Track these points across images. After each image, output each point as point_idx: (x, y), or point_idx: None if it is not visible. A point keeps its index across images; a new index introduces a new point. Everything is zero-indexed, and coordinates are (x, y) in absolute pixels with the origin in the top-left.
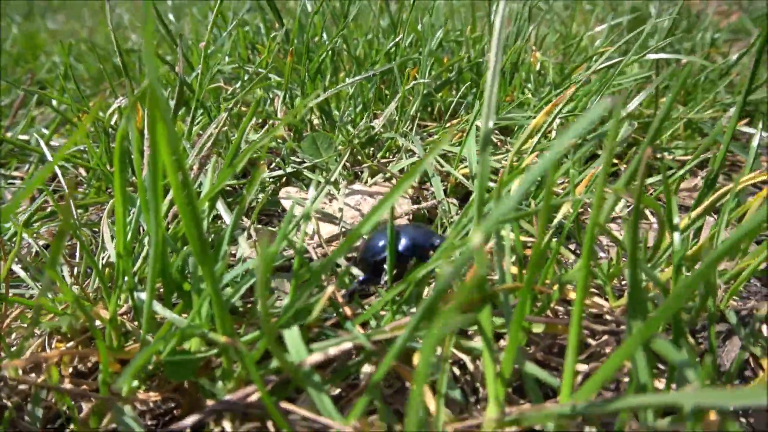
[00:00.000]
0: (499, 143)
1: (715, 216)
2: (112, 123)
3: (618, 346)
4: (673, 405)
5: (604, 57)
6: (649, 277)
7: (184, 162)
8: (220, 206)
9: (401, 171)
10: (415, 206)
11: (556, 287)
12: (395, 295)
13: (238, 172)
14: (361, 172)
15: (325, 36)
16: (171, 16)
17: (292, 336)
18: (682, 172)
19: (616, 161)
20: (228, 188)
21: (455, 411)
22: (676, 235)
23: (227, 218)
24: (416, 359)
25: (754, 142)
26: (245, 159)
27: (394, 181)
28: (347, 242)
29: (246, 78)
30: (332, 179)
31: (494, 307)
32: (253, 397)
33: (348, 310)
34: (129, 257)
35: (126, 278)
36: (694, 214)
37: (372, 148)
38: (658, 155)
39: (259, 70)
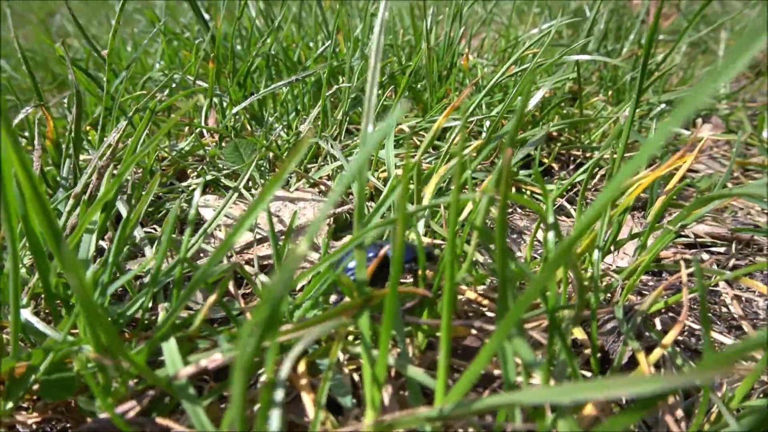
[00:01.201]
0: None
1: (634, 213)
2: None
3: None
4: (509, 404)
5: (514, 58)
6: (520, 270)
7: (27, 160)
8: (121, 206)
9: (329, 177)
10: (336, 210)
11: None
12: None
13: (164, 180)
14: (290, 179)
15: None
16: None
17: (170, 348)
18: (587, 165)
19: (545, 160)
20: (152, 198)
21: (350, 418)
22: (550, 234)
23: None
24: (301, 366)
25: (650, 136)
26: (130, 167)
27: (322, 186)
28: (219, 252)
29: (174, 85)
30: (241, 186)
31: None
32: (131, 414)
33: (249, 317)
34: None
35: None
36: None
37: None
38: (588, 154)
39: (188, 77)
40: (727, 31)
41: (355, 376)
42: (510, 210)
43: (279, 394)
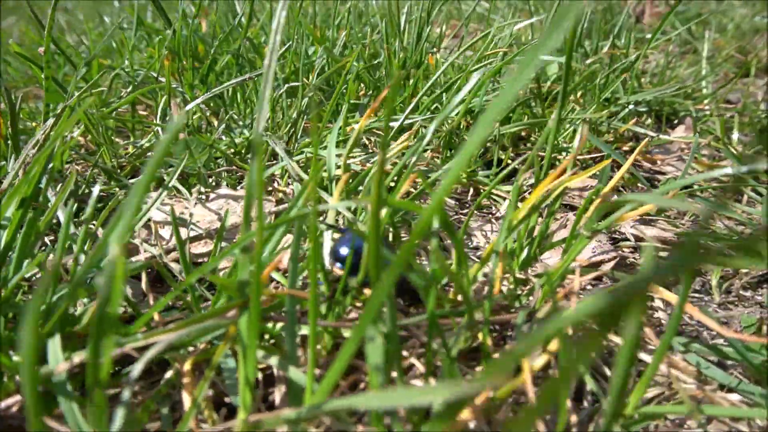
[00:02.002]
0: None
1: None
2: None
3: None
4: (355, 408)
5: (458, 52)
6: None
7: None
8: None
9: (281, 175)
10: (277, 207)
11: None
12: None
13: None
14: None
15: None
16: (107, 19)
17: (53, 345)
18: (505, 171)
19: (502, 157)
20: (103, 194)
21: (222, 418)
22: (434, 241)
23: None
24: (187, 365)
25: (576, 143)
26: (39, 162)
27: (274, 185)
28: (96, 253)
29: (137, 83)
30: (173, 181)
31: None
32: (14, 409)
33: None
34: None
35: None
36: (520, 214)
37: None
38: (553, 155)
39: (151, 73)
40: (711, 30)
41: (259, 375)
42: (465, 211)
43: (126, 394)
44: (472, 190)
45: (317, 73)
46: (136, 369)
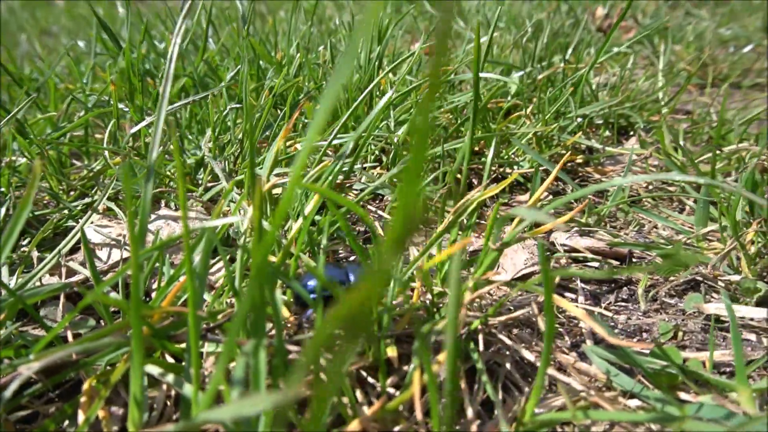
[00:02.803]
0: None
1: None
2: None
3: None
4: (208, 421)
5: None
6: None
7: None
8: None
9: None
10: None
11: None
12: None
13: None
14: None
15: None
16: (81, 44)
17: None
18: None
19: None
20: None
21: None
22: (324, 241)
23: None
24: (86, 384)
25: (488, 158)
26: None
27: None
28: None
29: (90, 106)
30: (103, 201)
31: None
32: None
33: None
34: None
35: None
36: (440, 228)
37: (203, 172)
38: (502, 168)
39: (105, 97)
40: (668, 42)
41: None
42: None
43: None
44: None
45: (263, 96)
46: (10, 388)
